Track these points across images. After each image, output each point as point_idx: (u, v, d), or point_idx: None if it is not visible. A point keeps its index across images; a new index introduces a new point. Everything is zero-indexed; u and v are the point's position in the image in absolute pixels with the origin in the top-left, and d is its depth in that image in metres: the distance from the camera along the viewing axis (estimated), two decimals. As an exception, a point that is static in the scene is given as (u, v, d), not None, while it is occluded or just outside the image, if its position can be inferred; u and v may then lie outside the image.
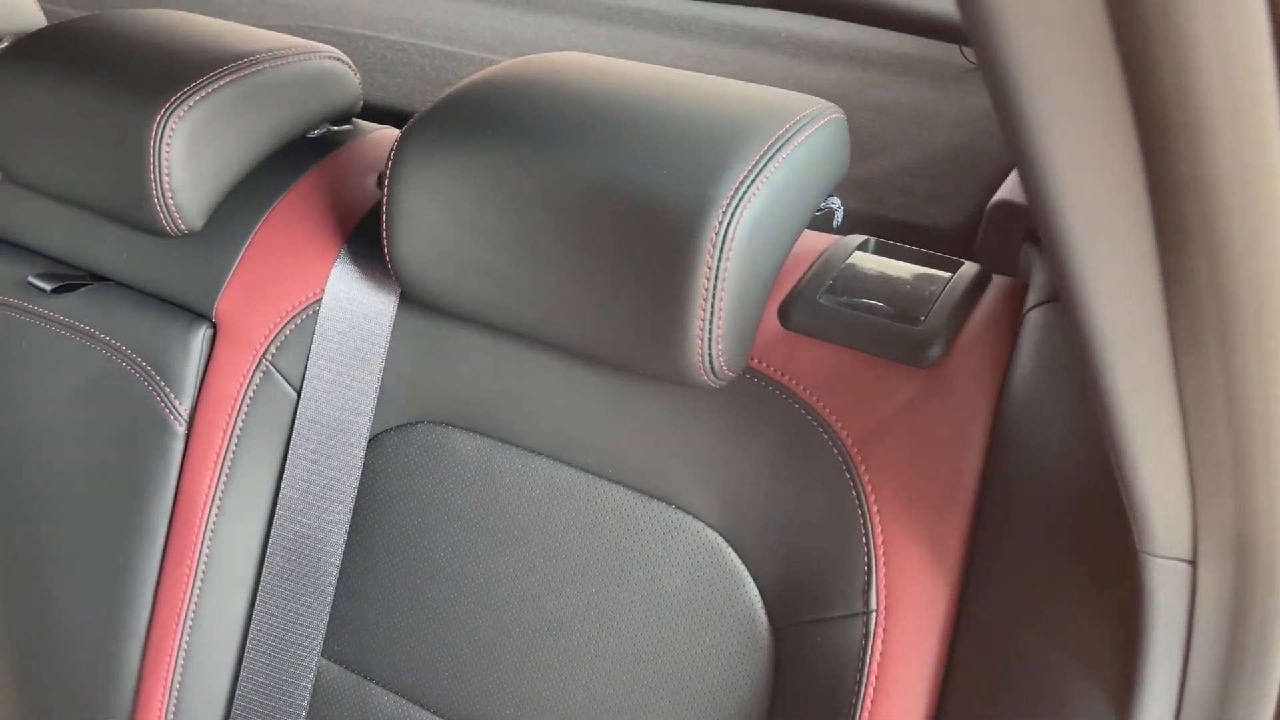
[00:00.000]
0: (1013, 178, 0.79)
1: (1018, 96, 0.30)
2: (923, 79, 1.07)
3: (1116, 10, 0.27)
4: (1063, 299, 0.37)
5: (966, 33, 0.30)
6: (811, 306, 0.67)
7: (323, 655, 0.79)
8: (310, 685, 0.78)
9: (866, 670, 0.61)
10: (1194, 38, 0.26)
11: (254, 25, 0.94)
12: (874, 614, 0.61)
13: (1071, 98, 0.29)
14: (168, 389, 0.81)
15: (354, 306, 0.76)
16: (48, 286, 0.86)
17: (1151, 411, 0.38)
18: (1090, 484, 0.56)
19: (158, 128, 0.75)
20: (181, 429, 0.81)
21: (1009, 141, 0.32)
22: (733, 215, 0.58)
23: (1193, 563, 0.45)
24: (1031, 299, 0.66)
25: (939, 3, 1.20)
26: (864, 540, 0.62)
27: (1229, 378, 0.35)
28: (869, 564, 0.61)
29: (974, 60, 1.08)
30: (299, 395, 0.78)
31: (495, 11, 1.28)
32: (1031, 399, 0.60)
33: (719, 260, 0.58)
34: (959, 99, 1.02)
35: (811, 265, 0.70)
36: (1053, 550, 0.57)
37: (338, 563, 0.77)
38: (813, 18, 1.23)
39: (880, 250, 0.73)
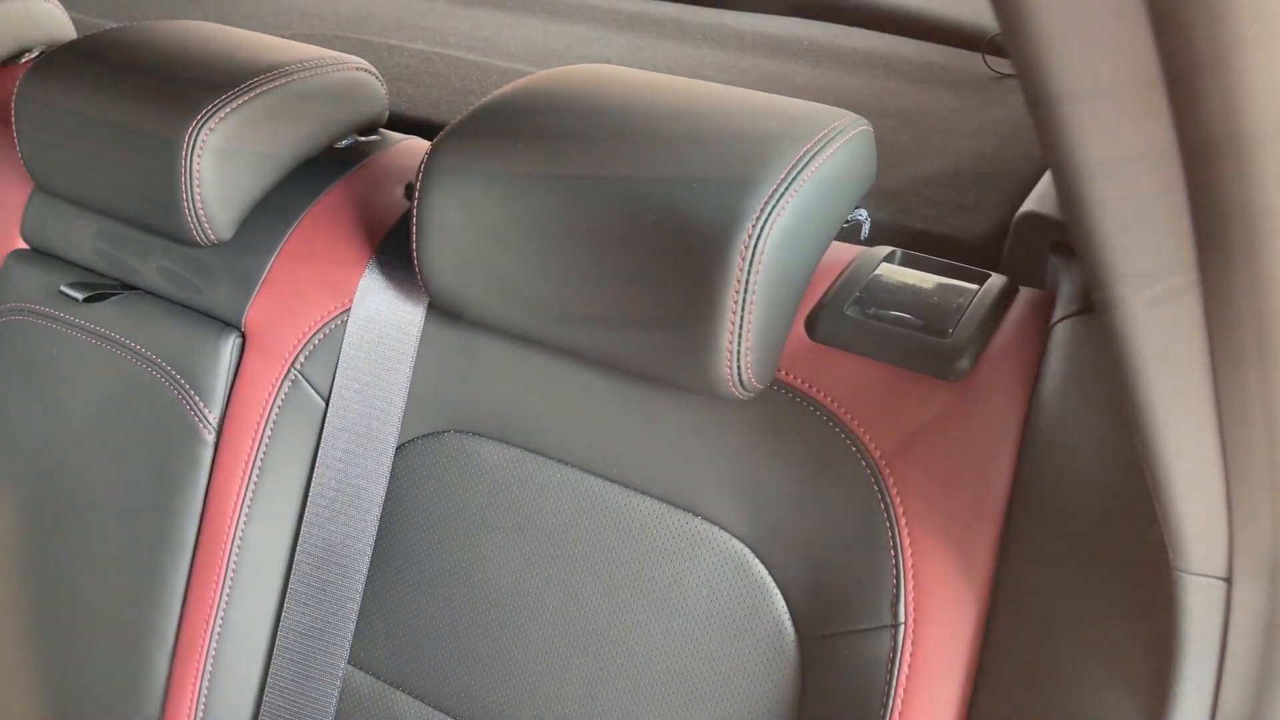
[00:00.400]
0: (1039, 189, 0.79)
1: (1059, 117, 0.30)
2: (945, 87, 1.07)
3: (1163, 38, 0.27)
4: (1101, 319, 0.37)
5: (1007, 51, 0.30)
6: (839, 318, 0.67)
7: (349, 663, 0.79)
8: (336, 693, 0.79)
9: (894, 683, 0.61)
10: (1241, 68, 0.26)
11: (279, 34, 0.95)
12: (902, 627, 0.61)
13: (1115, 123, 0.29)
14: (197, 397, 0.82)
15: (382, 316, 0.77)
16: (79, 296, 0.87)
17: (1189, 431, 0.38)
18: (1121, 498, 0.56)
19: (189, 139, 0.75)
20: (211, 437, 0.82)
21: (1048, 157, 0.32)
22: (763, 228, 0.58)
23: (1228, 580, 0.45)
24: (1059, 311, 0.66)
25: (961, 10, 1.20)
26: (892, 553, 0.62)
27: (1269, 399, 0.35)
28: (897, 576, 0.61)
29: (997, 69, 1.08)
30: (327, 404, 0.79)
31: (519, 20, 1.29)
32: (1061, 412, 0.60)
33: (749, 273, 0.58)
34: (982, 108, 1.02)
35: (838, 277, 0.70)
36: (1083, 564, 0.57)
37: (364, 571, 0.78)
38: (834, 26, 1.23)
39: (906, 262, 0.73)
